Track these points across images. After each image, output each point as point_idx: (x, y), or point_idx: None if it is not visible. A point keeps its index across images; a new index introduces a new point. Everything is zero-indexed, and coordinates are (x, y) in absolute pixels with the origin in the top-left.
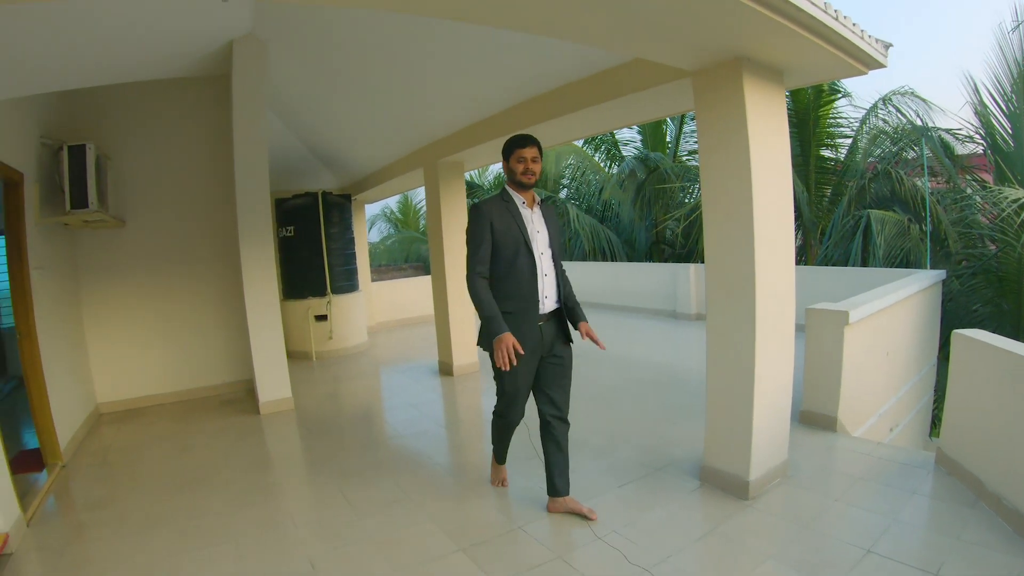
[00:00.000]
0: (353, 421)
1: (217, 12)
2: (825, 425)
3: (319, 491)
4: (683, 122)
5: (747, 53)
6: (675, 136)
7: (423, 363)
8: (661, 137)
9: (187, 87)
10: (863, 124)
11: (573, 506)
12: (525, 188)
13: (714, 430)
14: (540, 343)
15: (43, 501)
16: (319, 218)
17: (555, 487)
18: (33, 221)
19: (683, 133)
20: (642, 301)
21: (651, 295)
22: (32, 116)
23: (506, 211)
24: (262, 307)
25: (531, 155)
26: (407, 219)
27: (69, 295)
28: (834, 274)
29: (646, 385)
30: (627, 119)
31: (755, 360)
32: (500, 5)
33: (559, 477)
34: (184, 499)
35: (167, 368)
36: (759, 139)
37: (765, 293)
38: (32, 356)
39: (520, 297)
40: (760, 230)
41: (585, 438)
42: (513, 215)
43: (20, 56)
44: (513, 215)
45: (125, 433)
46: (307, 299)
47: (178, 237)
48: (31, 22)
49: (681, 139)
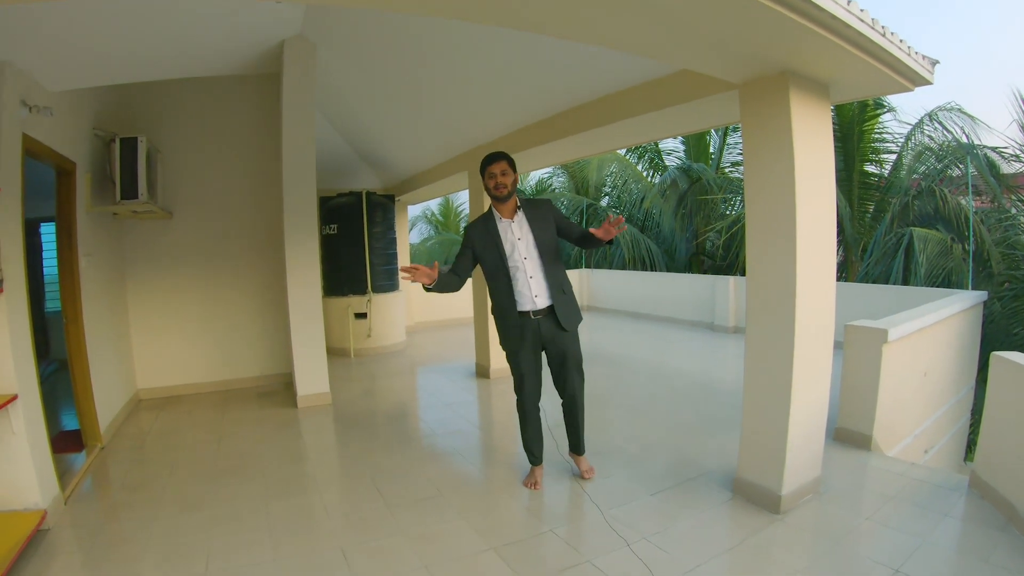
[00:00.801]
0: (388, 418)
1: (271, 12)
2: (860, 443)
3: (353, 484)
4: (727, 133)
5: (794, 67)
6: (718, 147)
7: (459, 364)
8: (704, 148)
9: (235, 85)
10: (908, 140)
11: (579, 462)
12: (500, 201)
13: (748, 443)
14: (539, 334)
15: (81, 481)
16: (362, 217)
17: (571, 446)
18: (83, 209)
19: (727, 144)
20: (680, 312)
21: (689, 306)
22: (86, 108)
23: (485, 231)
24: (304, 303)
25: (500, 170)
26: (448, 221)
27: (115, 282)
28: (874, 291)
29: (682, 396)
30: (672, 130)
31: (792, 375)
32: (550, 13)
33: (572, 438)
34: (219, 485)
35: (207, 358)
36: (804, 153)
37: (805, 309)
38: (78, 340)
39: (502, 299)
40: (803, 245)
41: (619, 445)
42: (491, 233)
43: (90, 48)
44: (491, 233)
45: (163, 419)
46: (347, 296)
47: (223, 230)
48: (104, 17)
49: (724, 150)
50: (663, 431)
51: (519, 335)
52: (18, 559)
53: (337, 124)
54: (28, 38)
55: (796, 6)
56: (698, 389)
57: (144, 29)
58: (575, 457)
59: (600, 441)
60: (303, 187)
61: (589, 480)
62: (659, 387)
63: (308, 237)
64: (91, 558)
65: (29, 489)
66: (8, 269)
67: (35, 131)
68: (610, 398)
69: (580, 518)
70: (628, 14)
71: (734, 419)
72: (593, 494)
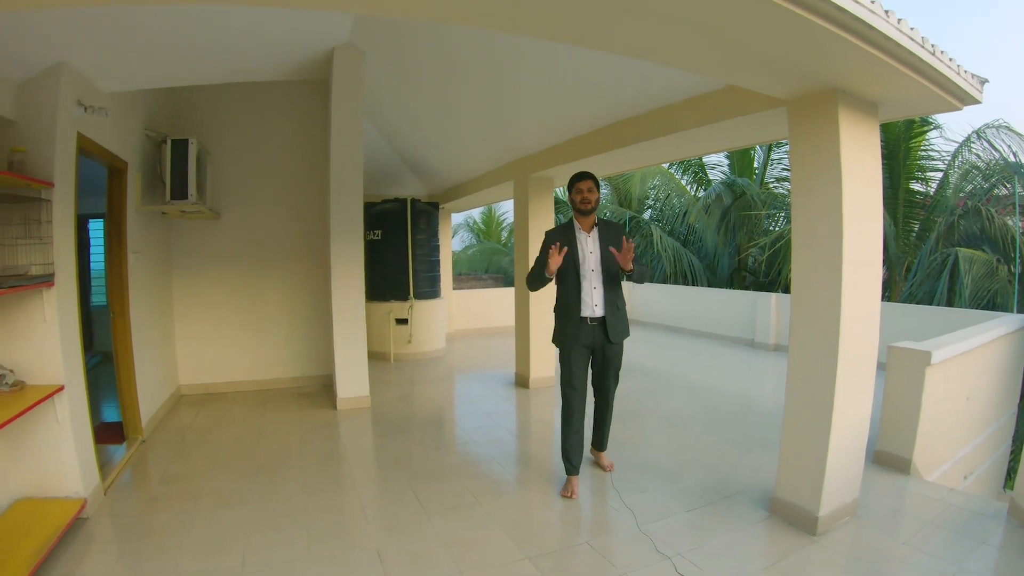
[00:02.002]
0: (427, 423)
1: (321, 20)
2: (899, 467)
3: (390, 487)
4: (771, 148)
5: (843, 85)
6: (763, 162)
7: (499, 373)
8: (748, 162)
9: (283, 90)
10: (954, 158)
11: (600, 458)
12: (583, 214)
13: (787, 462)
14: (592, 340)
15: (121, 472)
16: (407, 224)
17: (593, 442)
18: (133, 208)
19: (771, 160)
20: (721, 328)
21: (730, 322)
22: (138, 109)
23: (564, 236)
24: (348, 307)
25: (586, 187)
26: (489, 230)
27: (161, 280)
28: (918, 312)
29: (720, 413)
30: (718, 145)
31: (835, 394)
32: (600, 28)
33: (596, 436)
34: (257, 482)
35: (248, 357)
36: (852, 171)
37: (850, 328)
38: (124, 334)
39: (569, 302)
40: (849, 263)
41: (657, 461)
42: (569, 239)
43: (144, 52)
44: (569, 239)
45: (204, 415)
46: (389, 302)
47: (268, 233)
48: (159, 21)
49: (769, 166)
50: (700, 447)
51: (575, 334)
52: (57, 545)
53: (383, 130)
54: (84, 40)
55: (848, 25)
56: (737, 407)
57: (197, 34)
58: (597, 453)
59: (637, 455)
60: (350, 193)
61: (611, 473)
62: (697, 403)
63: (353, 242)
64: (128, 548)
65: (71, 477)
66: (60, 263)
67: (90, 130)
68: (648, 412)
69: (615, 531)
70: (677, 30)
71: (772, 438)
72: (629, 507)
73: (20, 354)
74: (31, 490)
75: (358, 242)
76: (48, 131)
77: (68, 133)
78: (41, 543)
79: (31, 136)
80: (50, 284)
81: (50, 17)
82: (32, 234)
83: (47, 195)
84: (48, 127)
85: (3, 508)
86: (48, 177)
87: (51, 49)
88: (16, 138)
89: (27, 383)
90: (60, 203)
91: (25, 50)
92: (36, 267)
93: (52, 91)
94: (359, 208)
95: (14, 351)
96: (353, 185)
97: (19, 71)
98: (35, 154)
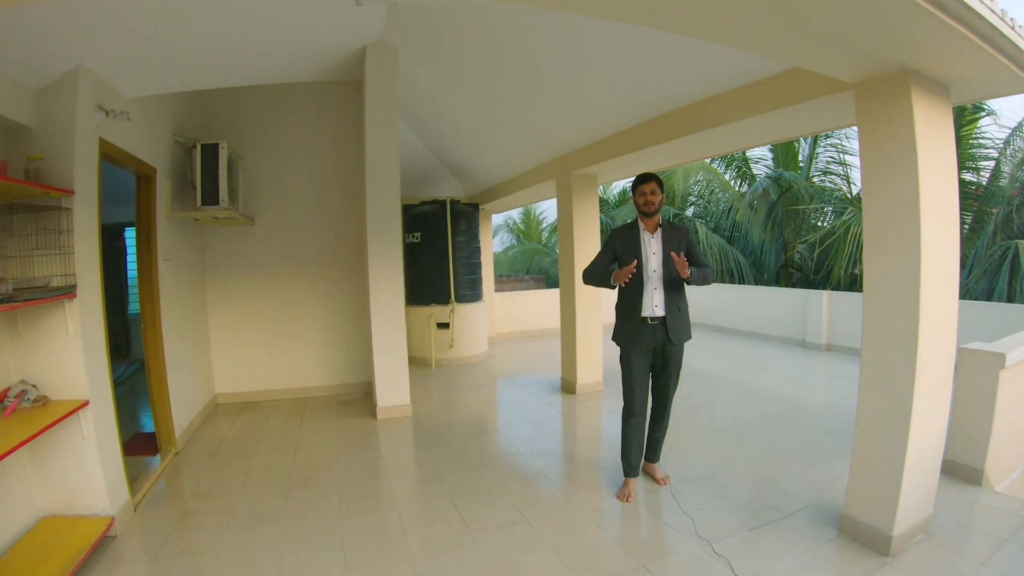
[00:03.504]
0: (470, 433)
1: (353, 17)
2: (970, 478)
3: (432, 504)
4: (816, 140)
5: (915, 65)
6: (808, 155)
7: (543, 378)
8: (793, 155)
9: (314, 91)
10: (1007, 145)
11: (653, 471)
12: (647, 216)
13: (859, 478)
14: (652, 340)
15: (153, 486)
16: (446, 226)
17: (646, 454)
18: (163, 215)
19: (816, 153)
20: (770, 328)
21: (780, 322)
22: (166, 114)
23: (629, 236)
24: (388, 314)
25: (649, 189)
26: (529, 230)
27: (195, 287)
28: (977, 309)
29: (775, 420)
30: (768, 136)
31: (913, 404)
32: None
33: (651, 449)
34: (293, 499)
35: (285, 365)
36: (928, 160)
37: (929, 332)
38: (155, 345)
39: (630, 301)
40: (927, 263)
41: (714, 473)
42: (634, 239)
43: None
44: (634, 239)
45: (239, 425)
46: (430, 306)
47: (303, 238)
48: (184, 21)
49: (815, 158)
50: (756, 458)
51: (635, 333)
52: (83, 565)
53: (419, 131)
54: (103, 44)
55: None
56: (792, 412)
57: (222, 35)
58: (650, 465)
59: (691, 467)
60: (387, 195)
61: (666, 486)
62: (750, 409)
63: (392, 246)
64: (156, 569)
65: (97, 495)
66: (83, 273)
67: (114, 136)
68: (699, 419)
69: (675, 552)
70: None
71: (833, 447)
72: (687, 526)
73: (43, 368)
74: (57, 508)
75: (396, 246)
76: (67, 137)
77: (89, 139)
78: (66, 563)
79: (50, 143)
80: (72, 296)
81: (66, 20)
82: (51, 244)
83: (67, 203)
84: (67, 133)
85: (28, 526)
86: (68, 185)
87: (68, 53)
88: (34, 145)
89: (51, 398)
90: (82, 211)
91: (41, 55)
92: (57, 278)
93: (70, 96)
94: (397, 209)
95: (37, 365)
96: (390, 186)
97: (36, 77)
98: (54, 162)
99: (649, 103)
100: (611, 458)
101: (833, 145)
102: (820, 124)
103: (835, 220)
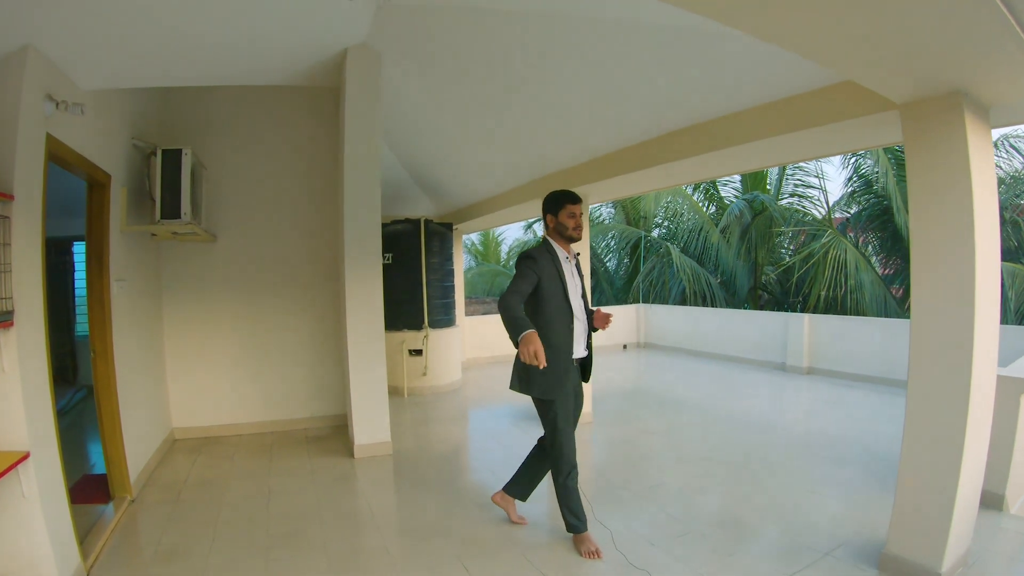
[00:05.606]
0: (460, 473)
1: (339, 14)
2: (992, 504)
3: (436, 562)
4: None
5: (967, 86)
6: (777, 178)
7: (522, 408)
8: (761, 178)
9: (289, 97)
10: None
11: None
12: (572, 241)
13: (904, 513)
14: (575, 382)
15: (107, 544)
16: (420, 247)
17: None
18: (117, 228)
19: (784, 175)
20: (748, 351)
21: (758, 345)
22: (124, 114)
23: (550, 261)
24: (366, 342)
25: (579, 211)
26: (487, 252)
27: (151, 311)
28: None
29: (783, 451)
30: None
31: (965, 436)
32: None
33: (533, 482)
34: (271, 559)
35: (251, 397)
36: (980, 185)
37: (981, 358)
38: (107, 377)
39: (560, 339)
40: (981, 286)
41: (736, 514)
42: (557, 268)
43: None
44: (557, 268)
45: (201, 465)
46: (402, 332)
47: (272, 257)
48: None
49: (784, 181)
50: (770, 493)
51: (562, 378)
52: None
53: (392, 144)
54: (59, 20)
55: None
56: (799, 443)
57: (193, 24)
58: (509, 499)
59: (708, 506)
60: (366, 214)
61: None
62: (748, 439)
63: (371, 264)
64: None
65: (43, 561)
66: (22, 296)
67: (64, 133)
68: (699, 453)
69: None
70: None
71: (851, 479)
72: None
73: None
74: None
75: (376, 271)
76: (8, 130)
77: (34, 133)
78: None
79: None
80: (8, 324)
81: None
82: None
83: (5, 210)
84: (8, 125)
85: None
86: (7, 188)
87: (14, 29)
88: None
89: None
90: (23, 221)
91: None
92: None
93: (16, 80)
94: (377, 230)
95: None
96: (370, 206)
97: None
98: None
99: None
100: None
101: (800, 167)
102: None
103: (811, 243)
